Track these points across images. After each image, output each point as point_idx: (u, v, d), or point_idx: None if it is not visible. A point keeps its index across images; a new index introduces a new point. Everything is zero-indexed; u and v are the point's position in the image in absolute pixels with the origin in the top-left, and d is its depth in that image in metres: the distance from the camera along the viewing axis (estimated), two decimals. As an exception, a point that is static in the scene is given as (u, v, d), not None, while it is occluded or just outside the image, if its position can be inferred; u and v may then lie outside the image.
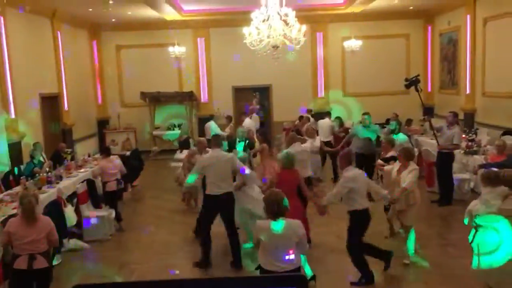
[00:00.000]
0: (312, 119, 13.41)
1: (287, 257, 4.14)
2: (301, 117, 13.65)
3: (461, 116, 11.73)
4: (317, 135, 11.12)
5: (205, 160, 6.80)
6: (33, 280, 4.89)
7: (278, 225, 4.17)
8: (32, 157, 9.55)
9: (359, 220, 5.89)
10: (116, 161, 9.07)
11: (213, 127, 12.93)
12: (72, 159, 10.37)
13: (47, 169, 8.65)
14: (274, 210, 4.22)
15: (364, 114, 10.28)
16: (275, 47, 8.91)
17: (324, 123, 12.34)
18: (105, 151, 9.05)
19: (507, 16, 11.08)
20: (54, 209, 6.99)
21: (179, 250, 7.40)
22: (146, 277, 6.24)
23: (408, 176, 6.28)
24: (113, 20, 14.73)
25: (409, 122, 12.82)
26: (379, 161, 7.89)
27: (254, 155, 9.59)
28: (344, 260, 6.00)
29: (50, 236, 4.96)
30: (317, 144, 10.44)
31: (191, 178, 6.84)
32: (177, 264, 6.84)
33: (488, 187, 4.87)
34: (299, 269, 4.20)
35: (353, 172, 5.91)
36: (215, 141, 6.95)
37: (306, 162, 7.73)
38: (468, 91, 13.24)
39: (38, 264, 4.82)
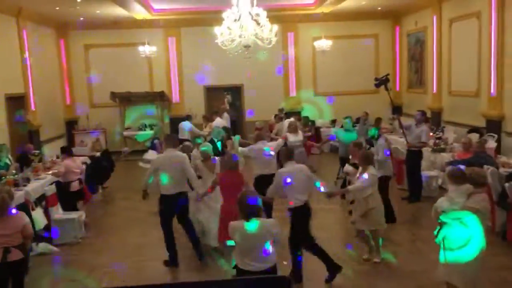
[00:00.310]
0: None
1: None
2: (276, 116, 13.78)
3: (428, 114, 12.00)
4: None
5: (158, 161, 6.87)
6: (8, 273, 5.00)
7: (252, 225, 4.18)
8: (-3, 159, 9.26)
9: (298, 217, 5.88)
10: (78, 161, 9.11)
11: (187, 127, 12.84)
12: (40, 161, 10.10)
13: (14, 171, 8.42)
14: (247, 211, 4.23)
15: (345, 118, 10.36)
16: (247, 46, 8.93)
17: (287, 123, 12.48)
18: (67, 150, 9.01)
19: (472, 17, 11.41)
20: (22, 213, 6.78)
21: (151, 252, 7.30)
22: (118, 281, 6.16)
23: (359, 180, 6.33)
24: (81, 18, 14.45)
25: (378, 121, 13.00)
26: (347, 167, 7.82)
27: None
28: (316, 258, 6.05)
29: (25, 232, 5.04)
30: (300, 138, 10.49)
31: (150, 179, 6.85)
32: (150, 266, 6.76)
33: (454, 184, 4.96)
34: (275, 267, 4.21)
35: (288, 168, 5.91)
36: (167, 141, 6.99)
37: (268, 161, 7.64)
38: (435, 90, 13.57)
39: (13, 257, 4.93)
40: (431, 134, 10.33)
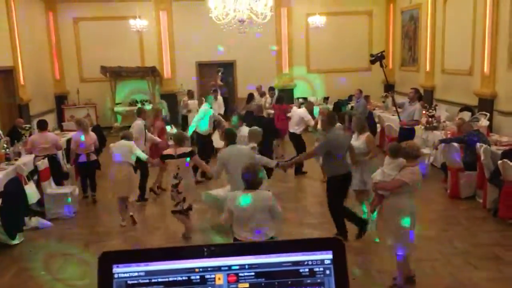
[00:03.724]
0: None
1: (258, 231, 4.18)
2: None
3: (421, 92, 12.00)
4: None
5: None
6: (89, 168, 8.34)
7: (247, 198, 4.19)
8: (-13, 133, 9.17)
9: None
10: (50, 136, 8.59)
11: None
12: (30, 135, 9.97)
13: (5, 145, 8.30)
14: (249, 182, 4.26)
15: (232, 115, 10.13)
16: (242, 21, 8.82)
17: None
18: (40, 125, 8.56)
19: (467, -5, 11.33)
20: (14, 187, 6.77)
21: (148, 225, 7.31)
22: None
23: None
24: (71, -10, 14.13)
25: (366, 98, 12.68)
26: None
27: None
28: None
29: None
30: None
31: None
32: (146, 240, 6.77)
33: (390, 158, 5.18)
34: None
35: (228, 149, 5.94)
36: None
37: None
38: (427, 68, 13.57)
39: (92, 158, 8.22)
40: (423, 112, 10.36)
